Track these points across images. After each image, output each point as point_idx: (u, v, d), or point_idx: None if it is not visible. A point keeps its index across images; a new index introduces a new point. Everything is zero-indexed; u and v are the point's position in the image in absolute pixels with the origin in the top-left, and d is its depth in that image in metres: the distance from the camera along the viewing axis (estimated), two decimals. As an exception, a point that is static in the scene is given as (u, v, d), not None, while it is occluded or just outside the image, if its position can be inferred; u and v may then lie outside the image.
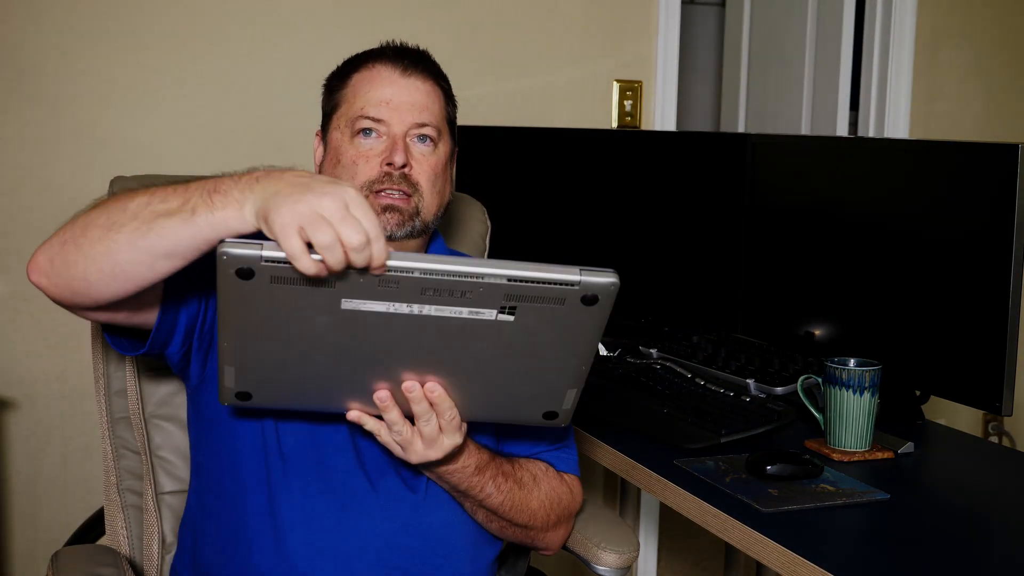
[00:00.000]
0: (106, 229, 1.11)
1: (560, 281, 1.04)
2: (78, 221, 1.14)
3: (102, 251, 1.12)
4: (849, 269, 1.92)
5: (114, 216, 1.11)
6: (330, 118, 1.47)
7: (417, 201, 1.41)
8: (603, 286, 1.05)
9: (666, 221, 2.29)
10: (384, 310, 1.05)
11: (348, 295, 1.03)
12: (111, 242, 1.11)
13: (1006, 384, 1.63)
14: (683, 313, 2.29)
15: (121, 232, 1.10)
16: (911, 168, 1.81)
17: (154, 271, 1.12)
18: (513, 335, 1.08)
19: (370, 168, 1.40)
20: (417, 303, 1.04)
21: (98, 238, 1.11)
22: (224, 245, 1.00)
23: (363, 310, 1.05)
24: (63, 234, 1.15)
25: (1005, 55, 3.29)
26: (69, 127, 2.28)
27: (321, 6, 2.46)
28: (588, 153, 2.34)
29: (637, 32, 2.77)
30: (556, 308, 1.06)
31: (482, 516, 1.40)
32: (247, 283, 1.02)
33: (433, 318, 1.06)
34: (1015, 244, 1.60)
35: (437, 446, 1.23)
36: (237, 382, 1.15)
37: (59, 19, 2.25)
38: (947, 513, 1.44)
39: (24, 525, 2.32)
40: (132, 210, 1.10)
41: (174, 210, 1.08)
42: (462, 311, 1.05)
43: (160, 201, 1.10)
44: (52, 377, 2.31)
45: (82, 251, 1.13)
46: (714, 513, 1.41)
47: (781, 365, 1.95)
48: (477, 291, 1.03)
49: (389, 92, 1.42)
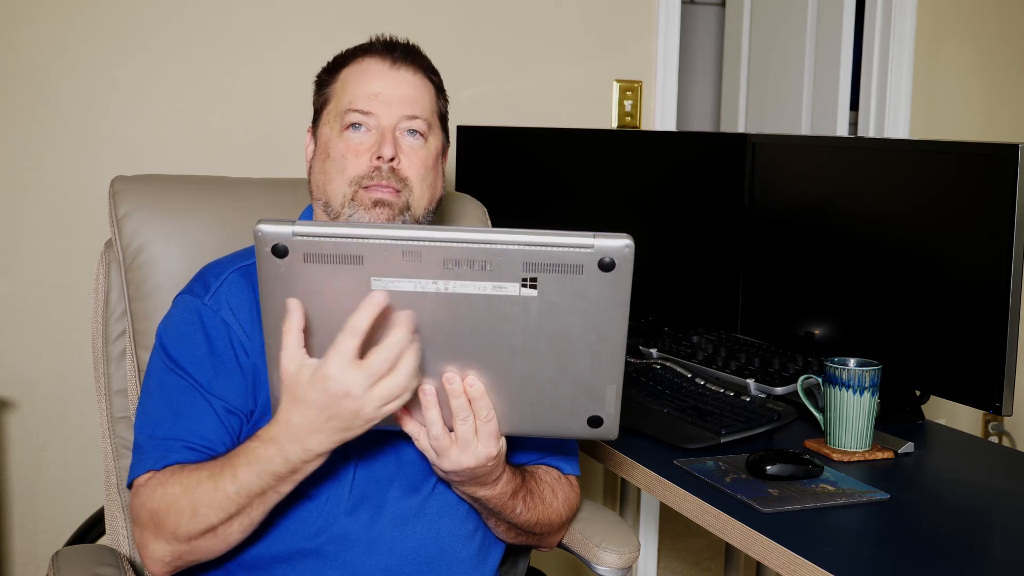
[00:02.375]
0: (214, 537, 1.23)
1: (575, 244, 1.05)
2: (167, 535, 1.24)
3: (220, 548, 1.25)
4: (849, 269, 1.92)
5: (211, 522, 1.21)
6: (320, 113, 1.46)
7: (407, 196, 1.39)
8: (618, 248, 1.04)
9: (666, 221, 2.29)
10: (411, 288, 1.07)
11: (376, 272, 1.06)
12: (226, 540, 1.23)
13: (1006, 384, 1.63)
14: (683, 313, 2.29)
15: (230, 531, 1.23)
16: (911, 168, 1.81)
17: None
18: (540, 314, 1.08)
19: (359, 163, 1.38)
20: (441, 278, 1.06)
21: (212, 546, 1.24)
22: (260, 223, 1.06)
23: (391, 289, 1.07)
24: (166, 547, 1.25)
25: (1005, 55, 3.29)
26: (69, 127, 2.28)
27: (321, 6, 2.46)
28: (588, 153, 2.34)
29: (637, 32, 2.76)
30: (575, 278, 1.06)
31: (503, 528, 1.41)
32: (282, 262, 1.06)
33: (460, 296, 1.07)
34: (1015, 244, 1.60)
35: (471, 451, 1.18)
36: None
37: (59, 19, 2.25)
38: (947, 513, 1.44)
39: (24, 525, 2.32)
40: (223, 515, 1.21)
41: (261, 495, 1.20)
42: (485, 286, 1.06)
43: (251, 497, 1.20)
44: (52, 377, 2.31)
45: (203, 553, 1.25)
46: (714, 513, 1.41)
47: (781, 365, 1.95)
48: (496, 260, 1.05)
49: (378, 85, 1.41)
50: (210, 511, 1.20)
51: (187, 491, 1.21)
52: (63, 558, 1.46)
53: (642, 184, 2.30)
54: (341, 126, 1.40)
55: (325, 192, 1.40)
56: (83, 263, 2.25)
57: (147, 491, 1.26)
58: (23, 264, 2.27)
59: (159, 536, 1.23)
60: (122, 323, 1.61)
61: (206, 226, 1.62)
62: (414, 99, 1.41)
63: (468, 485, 1.28)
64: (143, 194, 1.62)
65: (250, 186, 1.72)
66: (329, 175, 1.40)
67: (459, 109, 2.57)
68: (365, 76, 1.42)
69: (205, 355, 1.33)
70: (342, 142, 1.40)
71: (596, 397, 1.15)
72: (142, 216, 1.60)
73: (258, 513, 1.21)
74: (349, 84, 1.42)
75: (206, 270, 1.42)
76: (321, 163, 1.42)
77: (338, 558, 1.32)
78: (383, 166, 1.37)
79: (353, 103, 1.40)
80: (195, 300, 1.37)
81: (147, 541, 1.25)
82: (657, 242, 2.30)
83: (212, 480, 1.20)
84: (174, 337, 1.36)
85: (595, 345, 1.11)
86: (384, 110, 1.39)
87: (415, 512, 1.35)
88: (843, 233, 1.94)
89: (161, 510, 1.23)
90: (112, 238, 1.61)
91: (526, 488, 1.36)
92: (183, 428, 1.30)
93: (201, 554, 1.25)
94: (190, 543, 1.22)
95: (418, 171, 1.40)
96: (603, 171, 2.33)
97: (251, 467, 1.17)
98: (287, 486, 1.19)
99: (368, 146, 1.39)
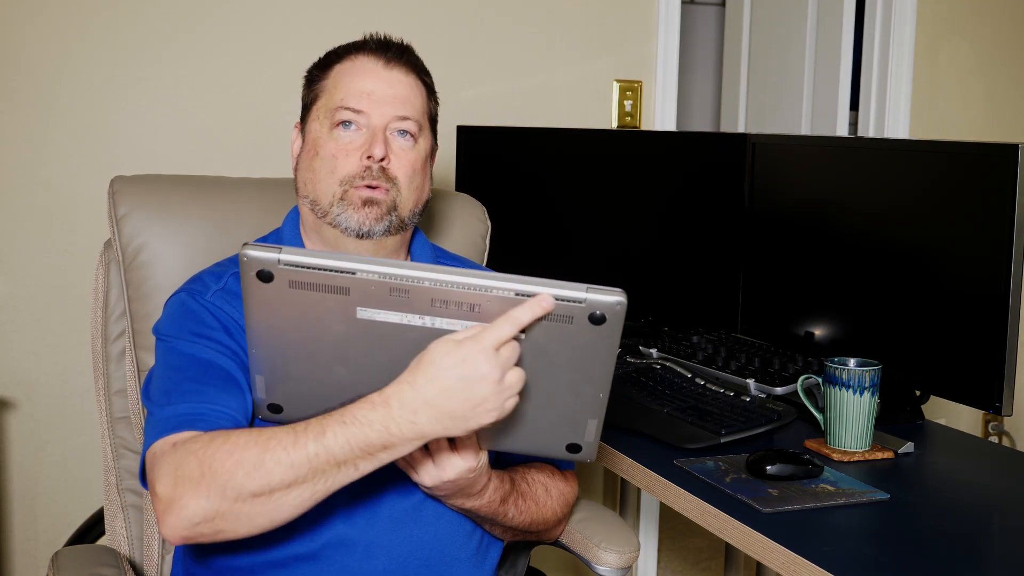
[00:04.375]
0: (265, 502, 1.11)
1: (566, 298, 1.04)
2: (215, 487, 1.11)
3: (264, 521, 1.13)
4: (849, 269, 1.92)
5: (271, 483, 1.11)
6: (309, 109, 1.44)
7: (395, 196, 1.37)
8: (609, 304, 1.03)
9: (666, 221, 2.29)
10: (398, 321, 1.06)
11: (362, 303, 1.05)
12: (273, 510, 1.12)
13: (1006, 384, 1.63)
14: (683, 313, 2.29)
15: (284, 501, 1.11)
16: (911, 168, 1.81)
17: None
18: (525, 356, 1.07)
19: (350, 163, 1.36)
20: (428, 315, 1.06)
21: (254, 514, 1.12)
22: (246, 247, 1.05)
23: (378, 320, 1.06)
24: (204, 504, 1.11)
25: (1005, 55, 3.29)
26: (69, 127, 2.28)
27: (321, 6, 2.45)
28: (588, 153, 2.34)
29: (637, 32, 2.76)
30: (565, 327, 1.05)
31: (499, 531, 1.41)
32: (268, 286, 1.06)
33: (446, 332, 1.06)
34: (1015, 244, 1.60)
35: (450, 465, 1.19)
36: (267, 393, 1.18)
37: (58, 19, 2.25)
38: (947, 513, 1.44)
39: (24, 525, 2.32)
40: (290, 477, 1.10)
41: (339, 465, 1.11)
42: (473, 327, 1.06)
43: (321, 465, 1.11)
44: (52, 377, 2.31)
45: (240, 522, 1.13)
46: (714, 513, 1.41)
47: (781, 365, 1.95)
48: (485, 304, 1.05)
49: (371, 84, 1.39)
50: (277, 467, 1.10)
51: (257, 441, 1.12)
52: (63, 558, 1.46)
53: (642, 184, 2.30)
54: (331, 123, 1.38)
55: (314, 190, 1.39)
56: (83, 263, 2.25)
57: (197, 443, 1.15)
58: (23, 264, 2.27)
59: (201, 490, 1.11)
60: (122, 323, 1.61)
61: (205, 226, 1.62)
62: (406, 99, 1.40)
63: (454, 498, 1.28)
64: (142, 194, 1.62)
65: (249, 186, 1.72)
66: (318, 173, 1.38)
67: (459, 109, 2.58)
68: (358, 74, 1.40)
69: (215, 328, 1.32)
70: (332, 140, 1.38)
71: (577, 428, 1.15)
72: (141, 216, 1.60)
73: (322, 489, 1.12)
74: (341, 81, 1.40)
75: (204, 273, 1.42)
76: (309, 160, 1.40)
77: (335, 562, 1.31)
78: (373, 166, 1.36)
79: (344, 100, 1.38)
80: (193, 297, 1.36)
81: (182, 495, 1.11)
82: (657, 242, 2.30)
83: (292, 434, 1.11)
84: (180, 320, 1.33)
85: (580, 385, 1.10)
86: (376, 109, 1.38)
87: (411, 514, 1.34)
88: (843, 233, 1.94)
89: (219, 458, 1.11)
90: (112, 238, 1.61)
91: (517, 492, 1.36)
92: (203, 397, 1.24)
93: (240, 522, 1.13)
94: (236, 504, 1.11)
95: (407, 172, 1.39)
96: (603, 171, 2.32)
97: (344, 428, 1.09)
98: (370, 464, 1.10)
99: (358, 145, 1.37)
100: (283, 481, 1.10)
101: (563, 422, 1.14)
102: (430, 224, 1.76)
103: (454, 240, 1.78)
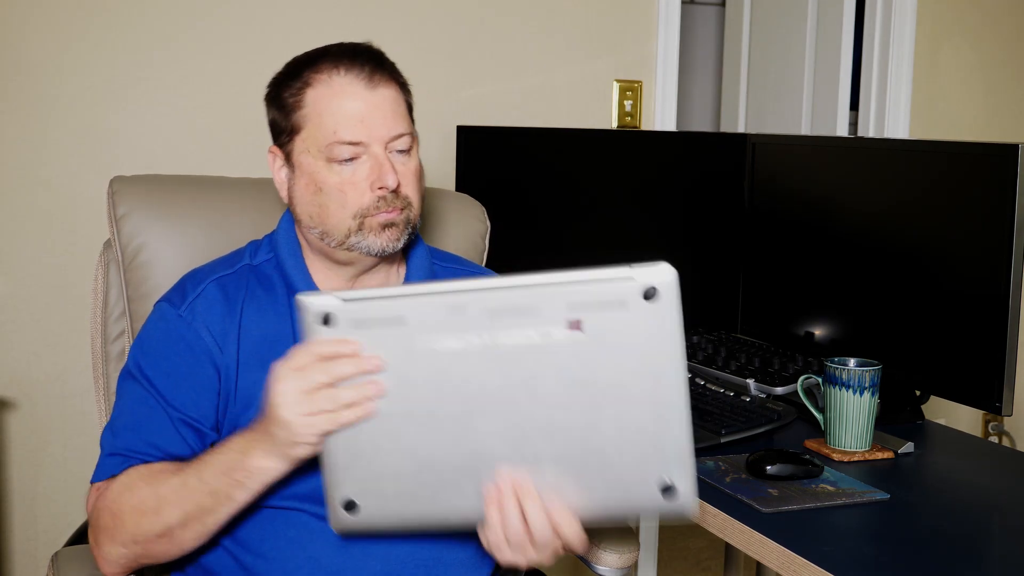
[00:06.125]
0: (169, 540, 1.24)
1: (615, 277, 1.02)
2: (126, 536, 1.26)
3: (177, 551, 1.27)
4: (849, 269, 1.92)
5: (169, 523, 1.23)
6: (291, 138, 1.34)
7: (408, 213, 1.35)
8: (658, 274, 1.00)
9: (666, 221, 2.29)
10: (457, 346, 1.03)
11: (422, 330, 1.03)
12: (179, 544, 1.25)
13: (1006, 384, 1.62)
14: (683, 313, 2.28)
15: (185, 537, 1.24)
16: (911, 168, 1.81)
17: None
18: (590, 360, 1.02)
19: (359, 194, 1.31)
20: (487, 329, 1.03)
21: (165, 550, 1.26)
22: (303, 296, 1.06)
23: (438, 348, 1.04)
24: (121, 551, 1.27)
25: (1005, 55, 3.29)
26: (69, 127, 2.28)
27: (321, 6, 2.45)
28: (588, 153, 2.34)
29: (637, 32, 2.76)
30: (621, 315, 1.01)
31: None
32: (329, 330, 1.06)
33: (508, 351, 1.03)
34: (1015, 244, 1.60)
35: (525, 554, 1.10)
36: (338, 486, 1.11)
37: (59, 19, 2.25)
38: (947, 513, 1.44)
39: (24, 525, 2.32)
40: (180, 515, 1.23)
41: (214, 495, 1.21)
42: (531, 335, 1.02)
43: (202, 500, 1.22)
44: (52, 377, 2.31)
45: (159, 556, 1.28)
46: (714, 513, 1.41)
47: (781, 365, 1.95)
48: (539, 302, 1.02)
49: (359, 108, 1.31)
50: (169, 508, 1.22)
51: (152, 486, 1.24)
52: (63, 558, 1.46)
53: (642, 184, 2.30)
54: (327, 158, 1.31)
55: (323, 223, 1.34)
56: (83, 263, 2.25)
57: (111, 493, 1.28)
58: (23, 264, 2.27)
59: (117, 538, 1.26)
60: (121, 323, 1.61)
61: (205, 226, 1.62)
62: (396, 115, 1.33)
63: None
64: (142, 194, 1.62)
65: (248, 186, 1.72)
66: (327, 208, 1.33)
67: (459, 109, 2.58)
68: (343, 99, 1.31)
69: (171, 367, 1.33)
70: (334, 175, 1.31)
71: (663, 456, 1.04)
72: (141, 216, 1.59)
73: (212, 522, 1.23)
74: (325, 109, 1.31)
75: (187, 278, 1.41)
76: (311, 195, 1.33)
77: (332, 564, 1.31)
78: (388, 195, 1.32)
79: (339, 134, 1.30)
80: (171, 310, 1.36)
81: (102, 544, 1.28)
82: (657, 242, 2.29)
83: (180, 475, 1.23)
84: (144, 345, 1.36)
85: (652, 391, 1.03)
86: (373, 136, 1.31)
87: None
88: (843, 233, 1.94)
89: (125, 509, 1.25)
90: (111, 238, 1.61)
91: None
92: (141, 439, 1.30)
93: (158, 556, 1.27)
94: (147, 545, 1.25)
95: (413, 186, 1.36)
96: (603, 171, 2.32)
97: (215, 456, 1.21)
98: (242, 493, 1.20)
99: (364, 175, 1.31)
100: (178, 520, 1.22)
101: (648, 449, 1.04)
102: (430, 224, 1.76)
103: (453, 240, 1.78)
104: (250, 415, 1.29)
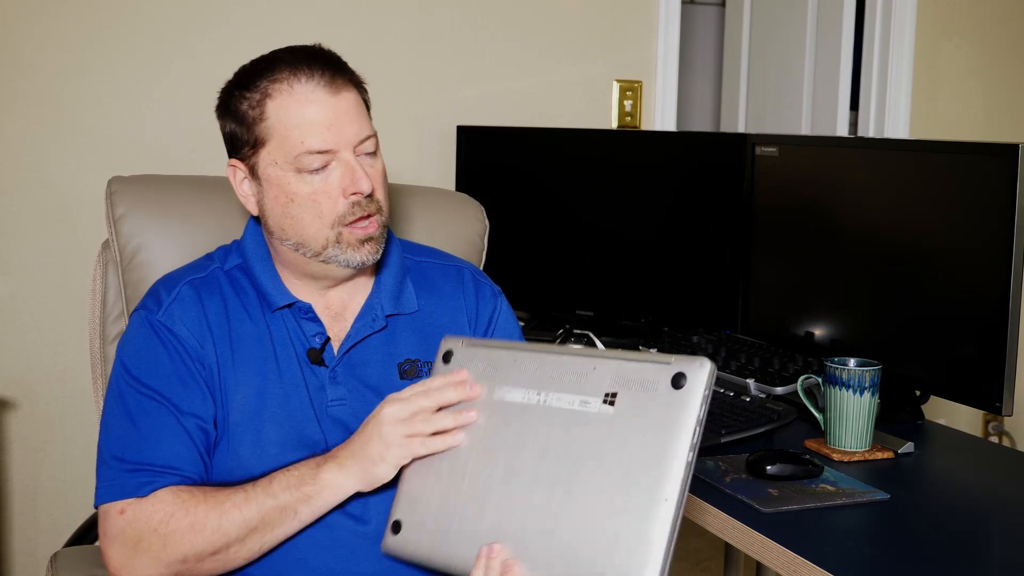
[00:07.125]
0: (221, 557, 1.25)
1: (657, 360, 1.07)
2: (176, 558, 1.24)
3: (217, 570, 1.27)
4: (849, 269, 1.92)
5: (226, 540, 1.24)
6: (255, 151, 1.31)
7: (381, 219, 1.34)
8: (693, 366, 1.04)
9: (666, 221, 2.29)
10: (519, 398, 1.15)
11: (505, 381, 1.18)
12: (230, 561, 1.26)
13: (1006, 384, 1.62)
14: (683, 313, 2.29)
15: (239, 553, 1.26)
16: (911, 168, 1.81)
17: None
18: (609, 435, 1.07)
19: (333, 202, 1.29)
20: (545, 389, 1.13)
21: (210, 568, 1.26)
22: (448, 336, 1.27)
23: (506, 400, 1.16)
24: (165, 571, 1.25)
25: (1005, 55, 3.28)
26: (68, 127, 2.28)
27: (320, 7, 2.45)
28: (588, 153, 2.34)
29: (637, 32, 2.76)
30: (649, 397, 1.05)
31: None
32: (447, 366, 1.23)
33: (552, 411, 1.12)
34: (1015, 244, 1.60)
35: None
36: (399, 508, 1.23)
37: (59, 19, 2.25)
38: (947, 513, 1.44)
39: (24, 525, 2.32)
40: (239, 532, 1.24)
41: (282, 510, 1.25)
42: (574, 401, 1.10)
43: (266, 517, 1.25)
44: (52, 377, 2.31)
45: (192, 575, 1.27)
46: (714, 513, 1.41)
47: (781, 365, 1.95)
48: (593, 372, 1.10)
49: (324, 115, 1.28)
50: (232, 526, 1.23)
51: (214, 507, 1.24)
52: (62, 559, 1.46)
53: (642, 184, 2.30)
54: (296, 168, 1.29)
55: (298, 235, 1.32)
56: (83, 263, 2.25)
57: (156, 513, 1.24)
58: (23, 264, 2.27)
59: (160, 560, 1.24)
60: (120, 323, 1.61)
61: (203, 226, 1.62)
62: (359, 118, 1.32)
63: None
64: (140, 194, 1.62)
65: (249, 186, 1.72)
66: (301, 220, 1.31)
67: (459, 109, 2.58)
68: (305, 108, 1.28)
69: (170, 370, 1.32)
70: (306, 185, 1.29)
71: (636, 562, 1.08)
72: (139, 216, 1.59)
73: (271, 539, 1.26)
74: (288, 119, 1.28)
75: (159, 284, 1.40)
76: (283, 207, 1.31)
77: (321, 566, 1.30)
78: (362, 200, 1.31)
79: (307, 144, 1.28)
80: (149, 315, 1.35)
81: (139, 565, 1.24)
82: (657, 242, 2.29)
83: (243, 492, 1.25)
84: (135, 355, 1.33)
85: (653, 481, 1.04)
86: (341, 142, 1.29)
87: (360, 536, 1.32)
88: (843, 233, 1.93)
89: (178, 531, 1.23)
90: (109, 238, 1.61)
91: None
92: (160, 452, 1.28)
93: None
94: (195, 563, 1.24)
95: (382, 187, 1.35)
96: (603, 171, 2.32)
97: (287, 474, 1.25)
98: (308, 508, 1.25)
99: (337, 183, 1.29)
100: (238, 535, 1.24)
101: (620, 558, 1.06)
102: (429, 224, 1.76)
103: (452, 239, 1.78)
104: (227, 414, 1.32)
